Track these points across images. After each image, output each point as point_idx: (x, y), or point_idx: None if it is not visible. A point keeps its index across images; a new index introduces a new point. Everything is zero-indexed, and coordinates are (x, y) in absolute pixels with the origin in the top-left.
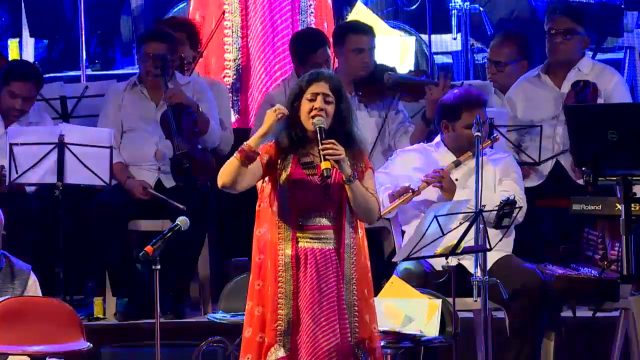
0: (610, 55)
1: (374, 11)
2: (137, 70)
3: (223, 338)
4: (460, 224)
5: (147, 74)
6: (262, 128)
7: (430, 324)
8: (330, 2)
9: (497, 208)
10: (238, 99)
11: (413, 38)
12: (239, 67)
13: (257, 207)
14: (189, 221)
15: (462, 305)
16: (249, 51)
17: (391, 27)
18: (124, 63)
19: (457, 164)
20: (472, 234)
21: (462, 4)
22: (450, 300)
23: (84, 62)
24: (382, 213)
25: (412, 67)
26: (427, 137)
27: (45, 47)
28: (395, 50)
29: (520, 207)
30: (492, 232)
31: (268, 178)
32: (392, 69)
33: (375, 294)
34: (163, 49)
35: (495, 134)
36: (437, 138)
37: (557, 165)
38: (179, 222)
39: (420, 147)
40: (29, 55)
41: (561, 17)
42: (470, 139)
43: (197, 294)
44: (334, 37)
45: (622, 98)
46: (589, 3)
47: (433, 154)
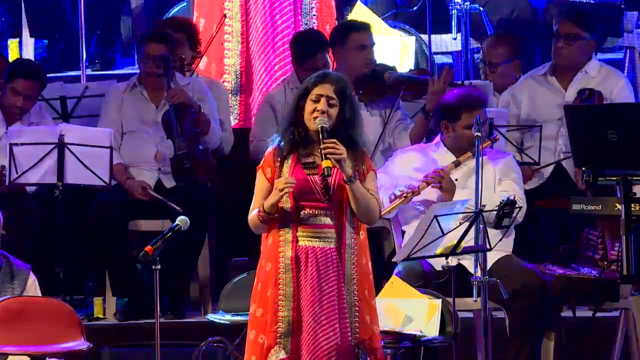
0: (610, 55)
1: (374, 13)
2: (137, 71)
3: (223, 338)
4: (460, 224)
5: (147, 75)
6: (272, 197)
7: (430, 324)
8: (333, 4)
9: (497, 208)
10: (237, 102)
11: (413, 38)
12: (238, 72)
13: None
14: (189, 221)
15: (462, 305)
16: (249, 55)
17: (391, 27)
18: (124, 63)
19: (457, 164)
20: (472, 234)
21: (462, 4)
22: (450, 300)
23: (84, 62)
24: (382, 213)
25: (412, 67)
26: (427, 132)
27: (45, 47)
28: (395, 50)
29: (520, 207)
30: (492, 232)
31: None
32: (393, 69)
33: (375, 294)
34: (163, 49)
35: (495, 134)
36: (437, 138)
37: (558, 166)
38: (179, 222)
39: (419, 147)
40: (29, 55)
41: (566, 22)
42: (470, 139)
43: (197, 294)
44: (333, 37)
45: (627, 101)
46: (589, 3)
47: (433, 154)
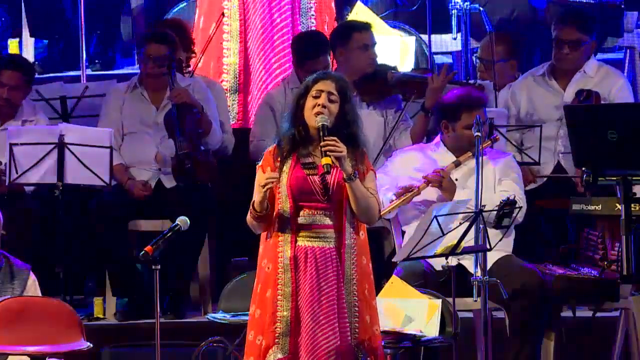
0: (610, 55)
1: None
2: (137, 71)
3: (223, 338)
4: (460, 224)
5: (147, 75)
6: (257, 195)
7: (430, 324)
8: (333, 4)
9: (497, 208)
10: (236, 101)
11: (413, 38)
12: (237, 71)
13: None
14: (189, 221)
15: (462, 305)
16: (248, 55)
17: (391, 27)
18: (124, 63)
19: (457, 164)
20: (472, 234)
21: (462, 4)
22: (450, 300)
23: (84, 62)
24: (382, 213)
25: (412, 67)
26: (427, 130)
27: (45, 47)
28: (395, 50)
29: (520, 207)
30: (492, 232)
31: None
32: (394, 68)
33: (375, 294)
34: (164, 50)
35: (495, 134)
36: (437, 138)
37: (558, 166)
38: (179, 222)
39: (419, 147)
40: (29, 55)
41: (569, 28)
42: (470, 139)
43: (197, 294)
44: (335, 38)
45: (626, 101)
46: (589, 3)
47: (433, 154)
